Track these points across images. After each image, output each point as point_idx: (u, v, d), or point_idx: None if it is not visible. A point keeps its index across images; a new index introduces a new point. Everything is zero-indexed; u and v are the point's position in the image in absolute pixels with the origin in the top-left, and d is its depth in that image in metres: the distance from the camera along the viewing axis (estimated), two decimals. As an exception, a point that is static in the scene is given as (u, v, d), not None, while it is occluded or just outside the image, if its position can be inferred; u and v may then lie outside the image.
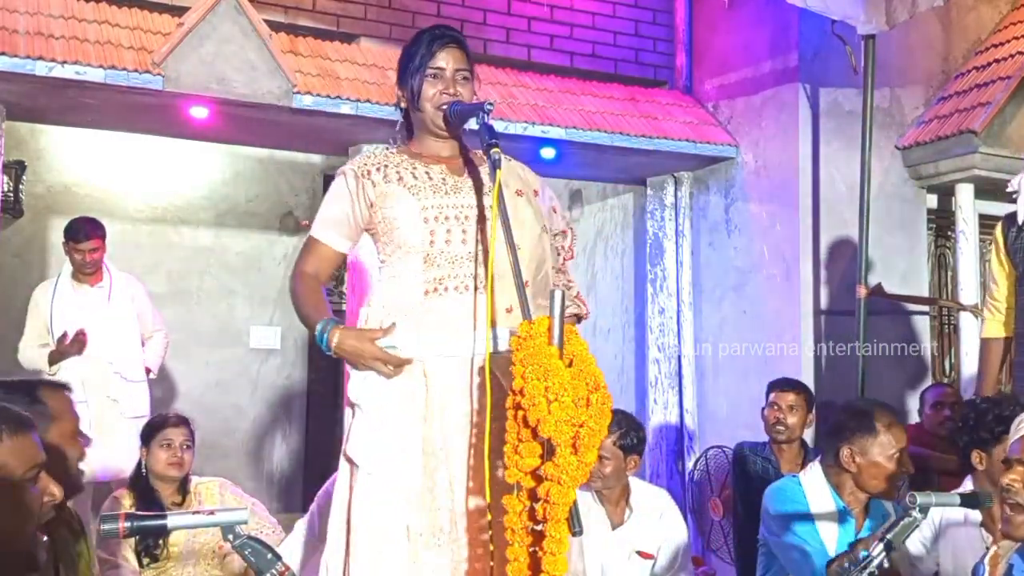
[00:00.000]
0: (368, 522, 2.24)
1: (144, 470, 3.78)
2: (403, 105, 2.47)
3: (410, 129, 2.50)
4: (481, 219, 2.32)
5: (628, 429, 3.52)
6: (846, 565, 2.44)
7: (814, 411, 4.48)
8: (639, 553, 3.53)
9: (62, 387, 2.33)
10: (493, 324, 2.20)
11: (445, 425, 2.26)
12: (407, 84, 2.40)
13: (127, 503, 3.66)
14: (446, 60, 2.38)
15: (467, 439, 2.26)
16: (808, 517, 3.06)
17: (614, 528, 3.53)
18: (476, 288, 2.29)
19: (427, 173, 2.36)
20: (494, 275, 2.19)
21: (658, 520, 3.59)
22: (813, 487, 3.14)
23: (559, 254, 2.55)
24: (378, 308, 2.33)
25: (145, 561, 3.59)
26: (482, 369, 2.24)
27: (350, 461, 2.31)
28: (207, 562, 3.70)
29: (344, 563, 2.28)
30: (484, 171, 2.40)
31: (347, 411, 2.38)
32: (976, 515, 2.89)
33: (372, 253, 2.48)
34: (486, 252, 2.28)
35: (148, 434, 3.81)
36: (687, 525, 4.72)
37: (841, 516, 3.08)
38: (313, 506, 3.33)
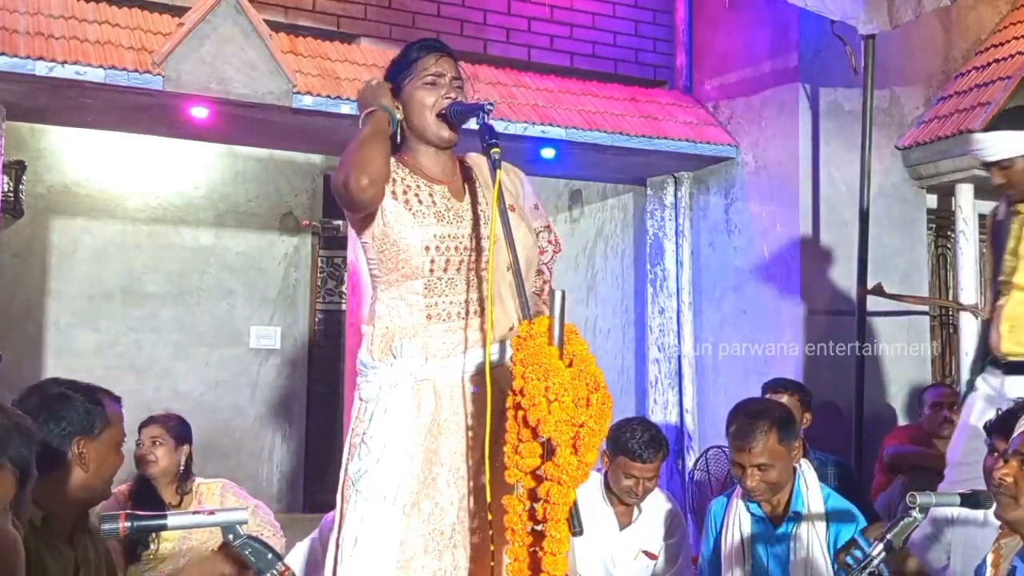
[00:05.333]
0: (358, 538, 2.24)
1: None
2: (398, 117, 2.42)
3: (401, 139, 2.46)
4: (480, 249, 2.35)
5: (667, 445, 3.60)
6: (849, 561, 2.43)
7: (810, 411, 4.46)
8: (645, 553, 3.56)
9: (118, 400, 2.44)
10: (493, 339, 2.23)
11: (451, 439, 2.28)
12: (402, 94, 2.39)
13: (123, 499, 3.66)
14: (442, 67, 2.37)
15: (465, 444, 2.28)
16: None
17: (622, 529, 3.55)
18: (468, 314, 2.33)
19: (431, 196, 2.36)
20: (494, 296, 2.23)
21: (663, 521, 3.62)
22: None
23: (542, 255, 2.54)
24: (383, 329, 2.34)
25: (141, 550, 3.58)
26: (474, 377, 2.27)
27: (348, 478, 2.31)
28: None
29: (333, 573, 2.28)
30: (481, 190, 2.41)
31: (357, 403, 2.37)
32: (991, 515, 2.88)
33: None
34: (481, 279, 2.33)
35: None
36: (687, 525, 4.73)
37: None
38: (326, 519, 3.33)
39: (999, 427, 2.89)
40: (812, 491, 3.10)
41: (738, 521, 3.08)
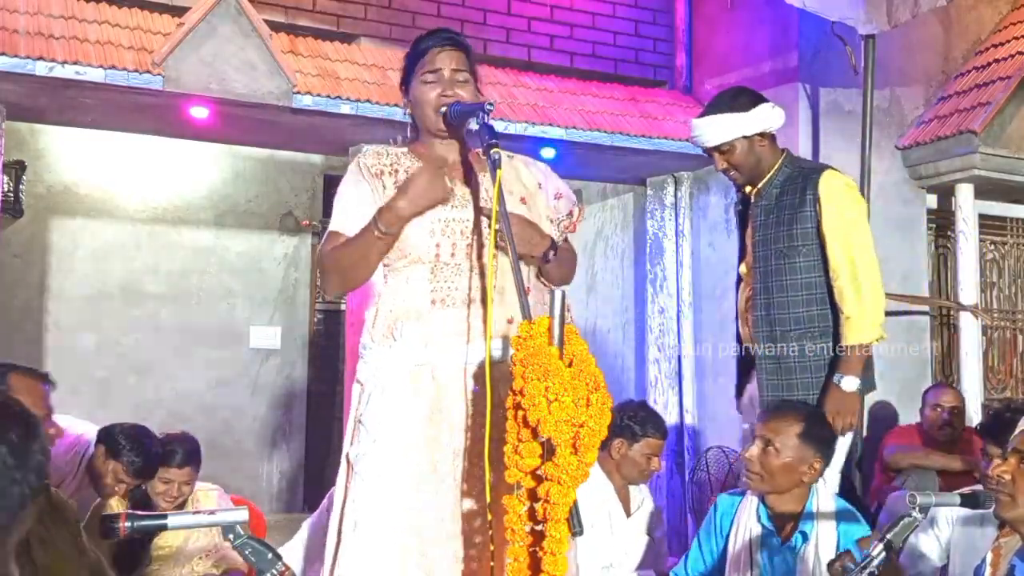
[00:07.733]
0: (358, 522, 2.24)
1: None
2: (409, 111, 2.46)
3: (414, 129, 2.49)
4: (483, 239, 2.33)
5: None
6: (848, 565, 2.43)
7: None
8: (649, 536, 3.67)
9: (38, 376, 2.40)
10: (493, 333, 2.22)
11: (452, 425, 2.28)
12: (407, 89, 2.41)
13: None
14: (442, 62, 2.37)
15: (464, 442, 2.28)
16: None
17: (628, 516, 3.65)
18: (471, 301, 2.30)
19: None
20: (496, 286, 2.23)
21: (652, 502, 3.77)
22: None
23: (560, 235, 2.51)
24: (386, 312, 2.34)
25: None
26: (476, 375, 2.26)
27: (349, 462, 2.32)
28: (195, 563, 3.68)
29: (333, 561, 2.28)
30: (486, 180, 2.39)
31: (355, 387, 2.38)
32: (991, 516, 2.88)
33: None
34: (484, 268, 2.30)
35: (156, 460, 3.58)
36: (688, 524, 4.75)
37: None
38: (324, 502, 3.35)
39: (989, 430, 2.90)
40: (824, 511, 3.01)
41: (748, 527, 3.05)
